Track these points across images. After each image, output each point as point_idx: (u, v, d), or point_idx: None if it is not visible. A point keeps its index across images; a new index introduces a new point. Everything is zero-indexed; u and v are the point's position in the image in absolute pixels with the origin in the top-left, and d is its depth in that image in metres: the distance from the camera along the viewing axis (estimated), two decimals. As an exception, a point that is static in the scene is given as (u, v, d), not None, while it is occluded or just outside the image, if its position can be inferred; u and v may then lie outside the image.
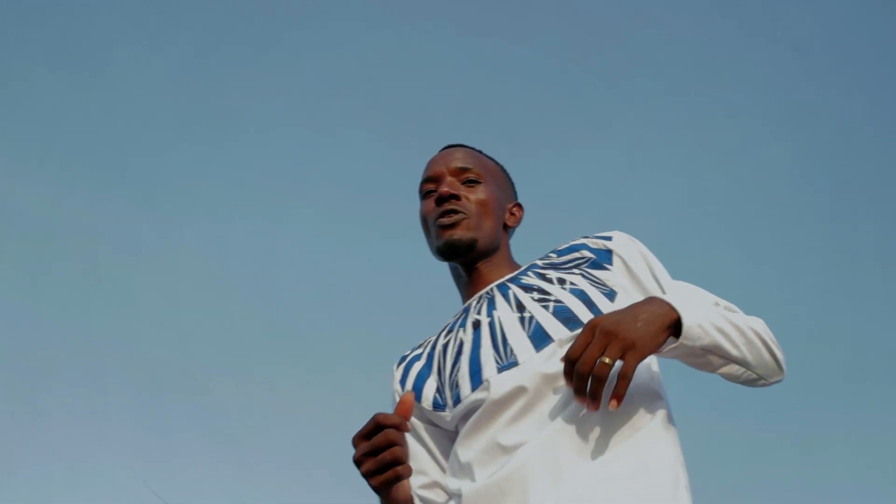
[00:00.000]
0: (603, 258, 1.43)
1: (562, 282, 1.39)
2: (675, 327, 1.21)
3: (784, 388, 1.36)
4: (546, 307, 1.36)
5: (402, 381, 1.49)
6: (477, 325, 1.41)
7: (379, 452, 1.21)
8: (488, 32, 4.98)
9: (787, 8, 4.88)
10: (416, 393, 1.44)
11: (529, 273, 1.45)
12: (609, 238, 1.45)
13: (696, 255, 4.54)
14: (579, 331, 1.27)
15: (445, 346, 1.45)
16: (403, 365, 1.52)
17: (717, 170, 4.85)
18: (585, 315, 1.32)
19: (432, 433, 1.45)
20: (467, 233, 1.47)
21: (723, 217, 4.79)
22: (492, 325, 1.39)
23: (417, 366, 1.48)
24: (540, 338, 1.32)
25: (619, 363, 1.17)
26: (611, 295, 1.36)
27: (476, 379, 1.34)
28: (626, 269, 1.41)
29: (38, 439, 4.44)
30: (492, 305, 1.43)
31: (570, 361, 1.18)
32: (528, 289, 1.41)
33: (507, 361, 1.32)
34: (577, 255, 1.44)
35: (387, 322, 4.64)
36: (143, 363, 4.66)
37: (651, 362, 1.34)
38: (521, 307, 1.38)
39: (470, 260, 1.49)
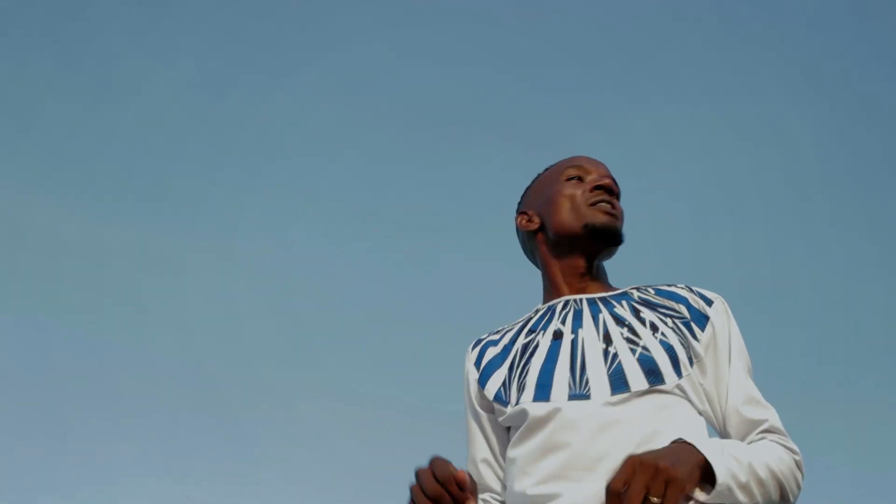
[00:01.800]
0: (698, 321, 1.42)
1: (654, 328, 1.40)
2: (704, 472, 1.21)
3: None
4: (633, 351, 1.36)
5: (477, 363, 1.51)
6: (558, 336, 1.43)
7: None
8: (501, 28, 4.97)
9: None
10: (483, 379, 1.47)
11: (623, 303, 1.46)
12: (710, 302, 1.44)
13: (721, 235, 4.51)
14: (658, 385, 1.32)
15: (525, 346, 1.46)
16: (479, 348, 1.53)
17: (739, 147, 4.80)
18: (669, 373, 1.34)
19: (491, 419, 1.49)
20: (620, 228, 1.50)
21: (745, 196, 4.74)
22: (574, 345, 1.40)
23: (492, 351, 1.50)
24: (618, 382, 1.33)
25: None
26: (691, 361, 1.37)
27: (542, 392, 1.36)
28: (714, 343, 1.41)
29: (63, 462, 4.46)
30: (578, 321, 1.44)
31: (614, 494, 1.18)
32: (619, 321, 1.42)
33: (578, 391, 1.34)
34: (674, 305, 1.44)
35: (405, 335, 4.64)
36: (158, 378, 4.68)
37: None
38: (607, 339, 1.39)
39: (602, 250, 1.51)
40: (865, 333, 4.47)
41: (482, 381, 1.48)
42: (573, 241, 1.50)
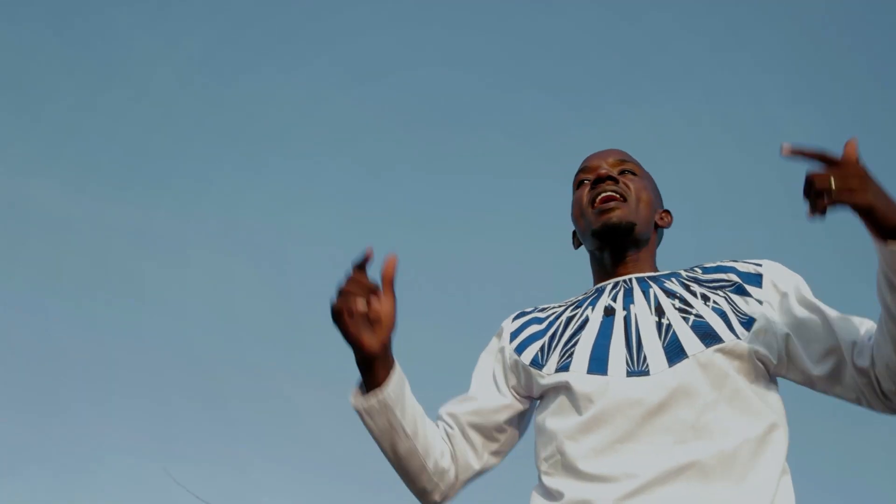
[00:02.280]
0: (751, 280, 1.41)
1: (706, 298, 1.39)
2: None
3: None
4: (686, 319, 1.35)
5: (515, 335, 1.49)
6: (610, 313, 1.41)
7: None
8: (501, 28, 4.97)
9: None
10: (521, 348, 1.45)
11: (673, 279, 1.45)
12: (759, 264, 1.44)
13: (721, 234, 4.49)
14: (716, 345, 1.30)
15: (570, 318, 1.44)
16: (522, 320, 1.52)
17: (738, 148, 4.79)
18: (725, 332, 1.32)
19: (509, 395, 1.47)
20: (626, 216, 1.46)
21: (746, 195, 4.72)
22: (627, 320, 1.38)
23: (535, 327, 1.48)
24: (675, 351, 1.32)
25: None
26: (749, 323, 1.34)
27: (597, 365, 1.34)
28: (775, 288, 1.39)
29: (52, 435, 4.46)
30: (629, 298, 1.42)
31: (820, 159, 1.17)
32: (670, 294, 1.40)
33: (637, 368, 1.32)
34: (723, 276, 1.43)
35: (400, 326, 4.62)
36: (152, 359, 4.69)
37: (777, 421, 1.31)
38: (660, 311, 1.38)
39: (621, 245, 1.48)
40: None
41: (519, 350, 1.46)
42: (595, 247, 1.51)
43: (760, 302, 1.37)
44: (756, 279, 1.41)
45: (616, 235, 1.46)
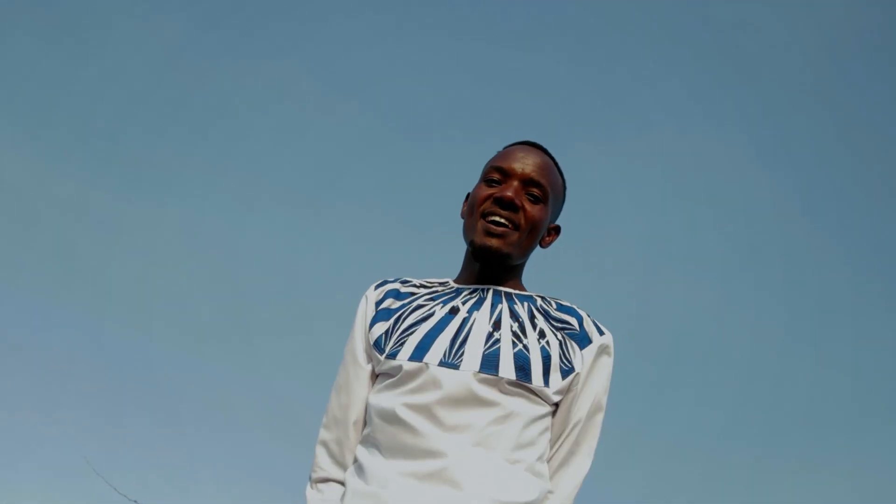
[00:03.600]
0: (583, 341, 1.50)
1: (542, 335, 1.47)
2: None
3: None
4: (514, 344, 1.44)
5: (378, 304, 1.56)
6: (454, 312, 1.49)
7: None
8: (488, 34, 4.96)
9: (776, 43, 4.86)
10: (373, 322, 1.53)
11: (526, 303, 1.54)
12: (602, 333, 1.52)
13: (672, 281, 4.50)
14: (523, 383, 1.41)
15: (418, 307, 1.53)
16: (384, 290, 1.59)
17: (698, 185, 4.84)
18: (538, 376, 1.42)
19: (367, 371, 1.53)
20: (507, 248, 1.51)
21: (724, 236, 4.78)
22: (464, 322, 1.47)
23: (392, 302, 1.56)
24: (490, 363, 1.41)
25: None
26: (568, 373, 1.46)
27: (418, 353, 1.43)
28: (588, 366, 1.49)
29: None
30: (477, 306, 1.51)
31: None
32: (514, 316, 1.50)
33: (449, 360, 1.41)
34: (570, 320, 1.52)
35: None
36: (75, 335, 4.56)
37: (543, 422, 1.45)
38: (497, 325, 1.47)
39: (492, 267, 1.55)
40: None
41: (372, 323, 1.53)
42: (469, 253, 1.57)
43: (579, 364, 1.48)
44: (587, 342, 1.50)
45: (488, 259, 1.52)
